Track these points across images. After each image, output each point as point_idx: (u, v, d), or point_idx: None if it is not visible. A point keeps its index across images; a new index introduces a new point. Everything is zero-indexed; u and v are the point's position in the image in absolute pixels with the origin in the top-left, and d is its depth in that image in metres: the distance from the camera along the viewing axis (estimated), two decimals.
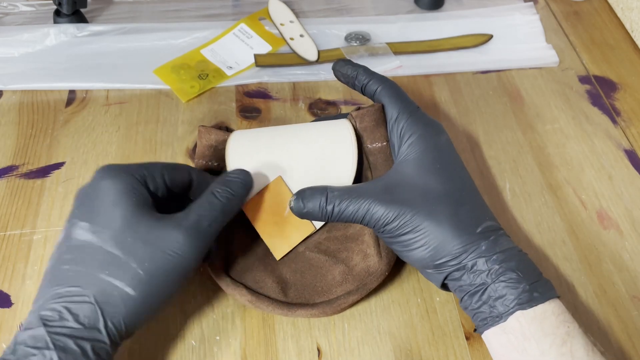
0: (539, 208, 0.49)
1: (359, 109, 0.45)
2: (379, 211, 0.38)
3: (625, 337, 0.42)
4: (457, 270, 0.37)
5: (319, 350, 0.40)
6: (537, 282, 0.36)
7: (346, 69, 0.46)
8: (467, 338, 0.41)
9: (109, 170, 0.37)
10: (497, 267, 0.36)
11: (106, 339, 0.33)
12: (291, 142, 0.44)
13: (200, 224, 0.36)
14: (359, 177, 0.45)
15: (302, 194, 0.40)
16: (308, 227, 0.43)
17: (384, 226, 0.38)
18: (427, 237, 0.37)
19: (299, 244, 0.43)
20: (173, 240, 0.35)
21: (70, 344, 0.32)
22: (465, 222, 0.38)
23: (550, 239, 0.47)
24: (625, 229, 0.48)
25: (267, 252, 0.43)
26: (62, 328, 0.33)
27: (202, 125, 0.45)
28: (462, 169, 0.41)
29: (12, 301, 0.42)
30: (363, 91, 0.46)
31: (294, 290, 0.41)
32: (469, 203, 0.39)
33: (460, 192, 0.40)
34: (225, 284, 0.40)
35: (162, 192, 0.38)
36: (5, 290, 0.43)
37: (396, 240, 0.39)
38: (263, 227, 0.43)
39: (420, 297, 0.43)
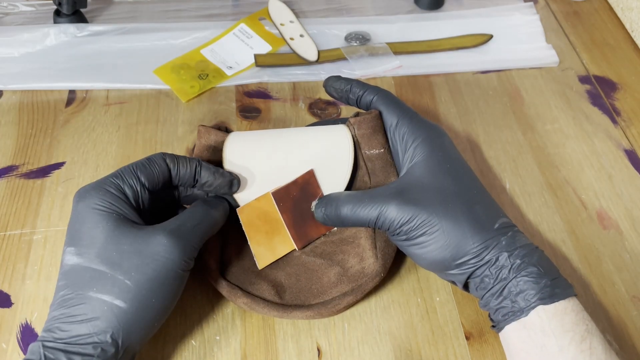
0: (539, 208, 0.49)
1: (357, 114, 0.45)
2: (393, 212, 0.38)
3: (625, 337, 0.42)
4: (479, 267, 0.37)
5: (319, 350, 0.40)
6: (557, 279, 0.37)
7: (339, 84, 0.46)
8: (467, 338, 0.41)
9: (83, 193, 0.37)
10: (519, 261, 0.37)
11: (99, 354, 0.33)
12: (288, 146, 0.44)
13: (182, 227, 0.37)
14: (354, 183, 0.45)
15: (320, 201, 0.42)
16: (292, 243, 0.43)
17: (400, 227, 0.38)
18: (446, 237, 0.37)
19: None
20: (157, 244, 0.36)
21: (61, 356, 0.33)
22: (482, 219, 0.38)
23: (550, 239, 0.47)
24: (625, 229, 0.48)
25: None
26: (56, 343, 0.33)
27: (202, 125, 0.45)
28: (468, 169, 0.42)
29: (12, 301, 0.42)
30: (358, 103, 0.46)
31: (290, 293, 0.41)
32: (482, 201, 0.40)
33: (472, 190, 0.40)
34: (220, 287, 0.41)
35: (144, 197, 0.39)
36: (5, 290, 0.43)
37: (413, 242, 0.39)
38: (253, 234, 0.43)
39: (420, 297, 0.43)
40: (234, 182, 0.42)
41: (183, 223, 0.38)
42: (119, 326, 0.34)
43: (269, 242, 0.43)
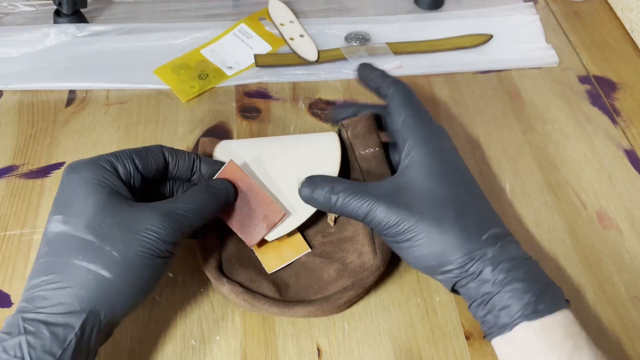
0: (539, 208, 0.49)
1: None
2: (381, 213, 0.38)
3: (625, 337, 0.42)
4: (463, 278, 0.37)
5: (319, 350, 0.40)
6: (544, 292, 0.36)
7: (366, 72, 0.46)
8: (467, 338, 0.41)
9: (75, 166, 0.37)
10: (503, 276, 0.36)
11: (81, 325, 0.32)
12: (275, 154, 0.45)
13: (176, 211, 0.37)
14: None
15: (311, 181, 0.40)
16: (303, 247, 0.43)
17: (386, 229, 0.38)
18: (432, 245, 0.37)
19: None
20: (148, 222, 0.35)
21: (42, 329, 0.32)
22: (471, 229, 0.37)
23: (550, 239, 0.47)
24: (625, 229, 0.48)
25: None
26: (35, 314, 0.32)
27: (204, 137, 0.46)
28: (467, 174, 0.41)
29: (12, 301, 0.42)
30: (379, 93, 0.46)
31: (291, 291, 0.41)
32: (475, 208, 0.39)
33: (466, 197, 0.39)
34: (221, 284, 0.40)
35: (136, 178, 0.38)
36: (5, 290, 0.43)
37: (400, 245, 0.38)
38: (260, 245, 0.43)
39: (420, 297, 0.43)
40: None
41: (179, 207, 0.37)
42: (103, 297, 0.33)
43: (275, 249, 0.43)
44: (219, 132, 0.54)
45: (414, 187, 0.39)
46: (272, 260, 0.43)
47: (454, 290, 0.39)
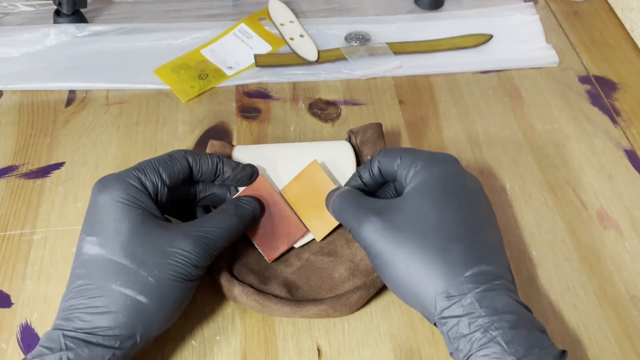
0: (539, 208, 0.49)
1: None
2: (364, 230, 0.37)
3: (625, 337, 0.42)
4: (438, 320, 0.34)
5: (319, 350, 0.40)
6: (528, 356, 0.31)
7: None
8: None
9: (106, 183, 0.37)
10: (479, 335, 0.32)
11: (119, 346, 0.34)
12: (292, 161, 0.45)
13: (207, 237, 0.37)
14: None
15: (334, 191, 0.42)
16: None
17: (369, 246, 0.37)
18: (409, 272, 0.35)
19: (303, 249, 0.44)
20: (180, 247, 0.36)
21: (83, 347, 0.33)
22: (455, 261, 0.34)
23: (550, 239, 0.47)
24: (625, 229, 0.48)
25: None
26: (76, 333, 0.33)
27: (213, 139, 0.46)
28: (469, 199, 0.38)
29: (12, 301, 0.42)
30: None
31: (301, 291, 0.41)
32: (468, 238, 0.35)
33: (457, 225, 0.36)
34: (231, 286, 0.40)
35: (163, 193, 0.39)
36: (5, 290, 0.43)
37: (381, 269, 0.37)
38: (303, 211, 0.43)
39: None
40: (254, 174, 0.43)
41: (209, 232, 0.38)
42: (140, 320, 0.34)
43: (321, 215, 0.43)
44: (219, 132, 0.54)
45: (407, 210, 0.37)
46: (320, 227, 0.43)
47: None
